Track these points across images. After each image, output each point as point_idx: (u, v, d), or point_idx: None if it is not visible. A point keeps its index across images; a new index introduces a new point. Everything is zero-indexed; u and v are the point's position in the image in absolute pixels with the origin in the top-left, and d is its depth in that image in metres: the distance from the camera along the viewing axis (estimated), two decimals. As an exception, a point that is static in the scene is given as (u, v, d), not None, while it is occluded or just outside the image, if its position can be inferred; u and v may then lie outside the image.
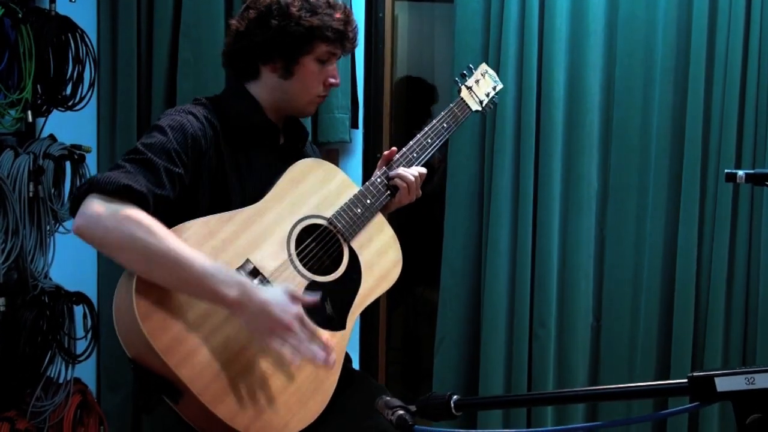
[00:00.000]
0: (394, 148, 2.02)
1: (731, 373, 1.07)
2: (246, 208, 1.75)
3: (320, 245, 1.83)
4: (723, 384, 1.07)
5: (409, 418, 1.16)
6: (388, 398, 1.21)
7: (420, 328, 3.97)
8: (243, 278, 1.60)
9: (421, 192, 2.01)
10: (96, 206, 1.56)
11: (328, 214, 1.85)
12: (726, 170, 1.84)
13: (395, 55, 3.20)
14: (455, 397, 1.19)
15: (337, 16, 1.84)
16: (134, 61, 2.78)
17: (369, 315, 3.00)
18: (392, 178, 1.96)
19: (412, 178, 1.96)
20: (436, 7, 3.95)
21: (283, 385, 1.64)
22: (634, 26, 2.77)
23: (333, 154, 2.87)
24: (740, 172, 1.80)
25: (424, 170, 2.00)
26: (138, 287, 1.56)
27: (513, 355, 2.81)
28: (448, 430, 2.28)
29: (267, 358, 1.64)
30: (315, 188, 1.87)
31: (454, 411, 1.19)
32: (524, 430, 2.75)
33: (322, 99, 1.94)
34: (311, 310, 1.71)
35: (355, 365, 2.68)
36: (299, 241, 1.80)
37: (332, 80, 1.90)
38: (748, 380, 1.06)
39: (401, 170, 1.96)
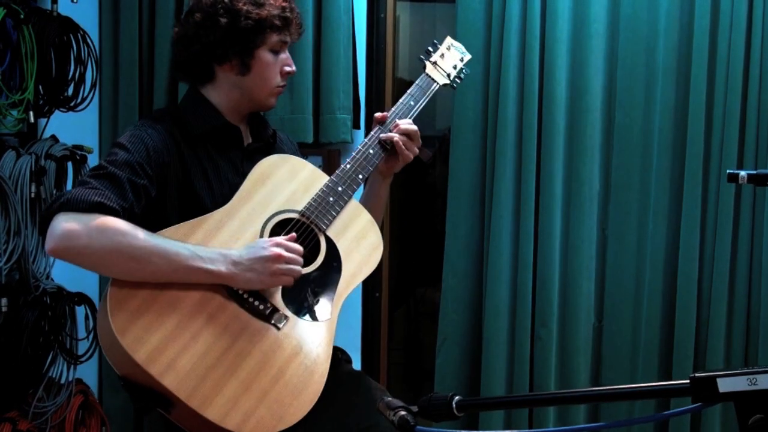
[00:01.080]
0: (377, 114, 2.03)
1: (733, 374, 1.06)
2: (215, 212, 1.76)
3: None
4: (725, 385, 1.06)
5: (411, 419, 1.16)
6: (390, 399, 1.21)
7: (422, 329, 3.97)
8: (224, 250, 1.68)
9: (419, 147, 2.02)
10: (69, 224, 1.59)
11: (300, 206, 1.85)
12: (728, 171, 1.83)
13: (397, 56, 3.20)
14: (457, 397, 1.19)
15: (279, 3, 1.87)
16: (136, 62, 2.78)
17: (370, 315, 3.00)
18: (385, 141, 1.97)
19: (411, 128, 1.98)
20: (437, 8, 3.95)
21: (273, 380, 1.64)
22: (636, 27, 2.77)
23: (334, 154, 2.87)
24: (742, 173, 1.80)
25: (413, 126, 2.00)
26: (112, 304, 1.59)
27: (515, 355, 2.81)
28: (450, 430, 2.28)
29: (254, 355, 1.65)
30: (283, 183, 1.87)
31: (456, 412, 1.19)
32: (526, 430, 2.75)
33: (282, 90, 1.95)
34: (294, 300, 1.73)
35: (357, 365, 2.68)
36: (273, 236, 1.80)
37: (287, 68, 1.92)
38: (751, 381, 1.05)
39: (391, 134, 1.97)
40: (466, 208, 2.86)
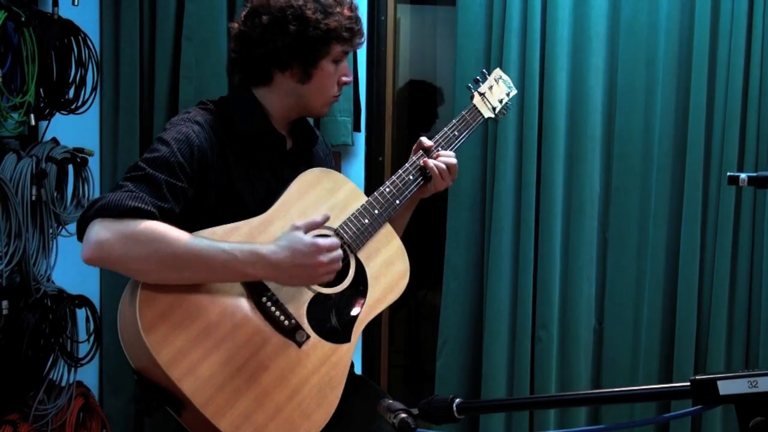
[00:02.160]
0: (423, 139, 1.99)
1: (734, 377, 1.06)
2: (252, 219, 1.73)
3: None
4: (726, 387, 1.06)
5: (412, 422, 1.16)
6: (390, 401, 1.21)
7: (422, 331, 3.97)
8: (260, 249, 1.64)
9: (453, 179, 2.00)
10: (106, 232, 1.55)
11: (335, 224, 1.82)
12: (728, 173, 1.84)
13: (397, 58, 3.20)
14: (458, 400, 1.19)
15: (346, 13, 1.82)
16: (137, 64, 2.79)
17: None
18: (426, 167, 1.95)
19: (452, 161, 1.97)
20: (438, 11, 3.95)
21: (287, 398, 1.64)
22: (637, 30, 2.77)
23: (335, 157, 2.87)
24: (743, 175, 1.80)
25: (454, 160, 1.98)
26: (142, 300, 1.57)
27: (515, 358, 2.81)
28: (451, 433, 2.28)
29: (272, 371, 1.64)
30: (322, 198, 1.84)
31: (456, 414, 1.19)
32: (527, 433, 2.75)
33: (336, 99, 1.91)
34: (317, 318, 1.71)
35: (358, 368, 2.68)
36: None
37: (345, 78, 1.88)
38: (751, 383, 1.06)
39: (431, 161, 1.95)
40: (466, 210, 2.86)
